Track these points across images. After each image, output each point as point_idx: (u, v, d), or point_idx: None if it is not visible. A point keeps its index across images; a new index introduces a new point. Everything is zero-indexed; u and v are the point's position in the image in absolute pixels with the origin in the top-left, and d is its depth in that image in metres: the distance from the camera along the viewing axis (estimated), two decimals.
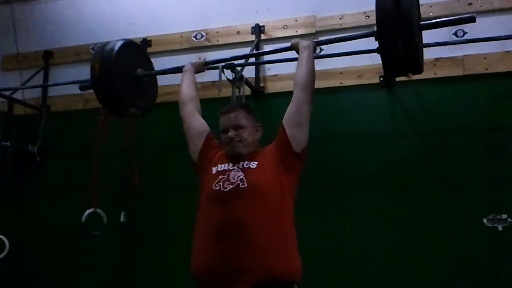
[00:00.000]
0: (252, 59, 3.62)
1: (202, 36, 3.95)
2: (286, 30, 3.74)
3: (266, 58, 3.71)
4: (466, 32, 3.36)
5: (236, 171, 2.07)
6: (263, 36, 3.79)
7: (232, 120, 2.18)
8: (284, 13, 3.77)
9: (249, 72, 3.58)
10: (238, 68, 3.33)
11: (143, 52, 2.83)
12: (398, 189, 3.29)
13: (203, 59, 2.68)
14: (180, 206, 3.61)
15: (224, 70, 3.25)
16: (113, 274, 3.80)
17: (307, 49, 2.24)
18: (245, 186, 2.02)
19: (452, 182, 3.20)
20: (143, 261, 3.72)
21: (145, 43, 4.01)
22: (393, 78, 3.41)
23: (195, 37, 3.97)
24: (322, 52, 3.59)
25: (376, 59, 3.34)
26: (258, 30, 3.78)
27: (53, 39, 4.39)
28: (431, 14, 3.37)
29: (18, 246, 3.81)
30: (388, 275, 3.18)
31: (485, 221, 3.08)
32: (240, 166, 2.10)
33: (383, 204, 3.28)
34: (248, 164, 2.10)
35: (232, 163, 2.12)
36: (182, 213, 3.57)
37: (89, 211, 3.41)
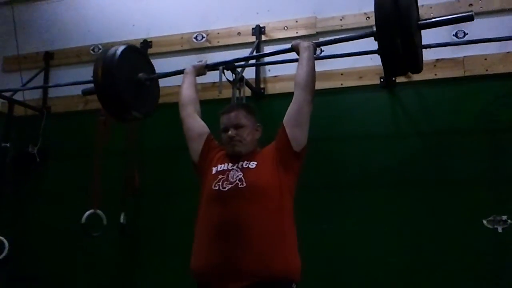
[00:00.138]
0: (253, 60, 3.63)
1: (203, 37, 3.95)
2: (286, 31, 3.74)
3: (267, 59, 3.70)
4: (467, 33, 3.35)
5: (235, 171, 2.10)
6: (263, 37, 3.79)
7: (232, 119, 2.21)
8: (285, 14, 3.77)
9: (249, 73, 3.58)
10: (239, 69, 3.33)
11: (145, 56, 2.85)
12: (398, 190, 3.28)
13: (204, 61, 2.68)
14: (180, 207, 3.62)
15: (225, 71, 3.26)
16: (113, 275, 3.80)
17: (307, 50, 2.26)
18: (244, 185, 2.04)
19: (452, 183, 3.20)
20: (143, 262, 3.71)
21: (145, 45, 4.01)
22: (393, 79, 3.42)
23: (196, 38, 3.97)
24: (322, 53, 3.59)
25: (377, 60, 3.34)
26: (259, 31, 3.78)
27: (53, 40, 4.40)
28: (431, 15, 3.37)
29: (18, 247, 3.81)
30: (388, 275, 3.17)
31: (485, 222, 3.07)
32: (240, 166, 2.12)
33: (383, 205, 3.28)
34: (248, 164, 2.12)
35: (231, 163, 2.15)
36: (182, 214, 3.57)
37: (89, 212, 3.41)
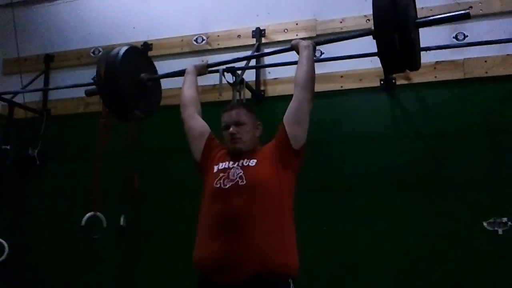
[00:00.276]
0: (253, 62, 3.63)
1: (203, 39, 3.96)
2: (286, 33, 3.74)
3: (267, 61, 3.72)
4: (467, 36, 3.36)
5: (236, 169, 2.15)
6: (263, 40, 3.80)
7: (233, 117, 2.26)
8: (285, 16, 3.78)
9: (249, 75, 3.58)
10: (239, 72, 3.34)
11: (147, 57, 2.87)
12: (398, 191, 3.28)
13: (205, 61, 2.71)
14: (180, 209, 3.62)
15: (225, 73, 3.27)
16: (113, 277, 3.80)
17: (307, 49, 2.29)
18: (244, 183, 2.09)
19: (453, 185, 3.20)
20: (143, 264, 3.71)
21: (146, 47, 4.02)
22: (393, 81, 3.42)
23: (196, 40, 3.97)
24: (322, 56, 3.60)
25: (377, 62, 3.34)
26: (259, 33, 3.79)
27: (54, 43, 4.41)
28: (431, 17, 3.37)
29: (18, 250, 3.81)
30: (389, 276, 3.17)
31: (485, 224, 3.07)
32: (240, 164, 2.17)
33: (383, 207, 3.27)
34: (248, 162, 2.17)
35: (232, 161, 2.20)
36: (182, 216, 3.57)
37: (89, 215, 3.40)
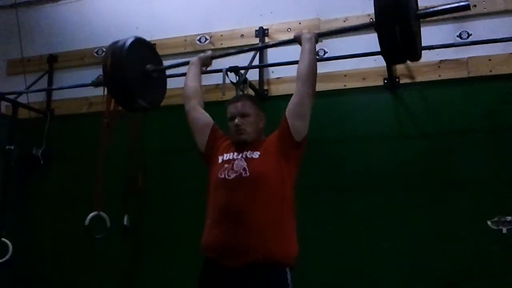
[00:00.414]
0: (256, 62, 3.63)
1: (206, 39, 3.96)
2: (290, 33, 3.72)
3: (270, 61, 3.72)
4: (471, 34, 3.35)
5: (240, 161, 2.22)
6: (267, 39, 3.79)
7: (239, 108, 2.32)
8: (288, 16, 3.77)
9: (252, 75, 3.58)
10: (242, 71, 3.34)
11: (153, 49, 2.89)
12: (402, 191, 3.27)
13: (209, 52, 2.73)
14: (183, 208, 3.63)
15: (228, 73, 3.27)
16: (116, 276, 3.80)
17: (309, 41, 2.32)
18: (247, 175, 2.17)
19: (457, 184, 3.19)
20: (146, 263, 3.71)
21: None
22: (397, 80, 3.41)
23: (199, 40, 3.97)
24: (326, 55, 3.59)
25: (380, 61, 3.37)
26: (262, 33, 3.78)
27: (57, 43, 4.41)
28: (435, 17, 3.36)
29: (22, 249, 3.82)
30: (392, 277, 3.17)
31: (489, 223, 3.06)
32: (244, 155, 2.24)
33: (387, 206, 3.27)
34: (251, 154, 2.23)
35: (236, 152, 2.26)
36: (186, 215, 3.60)
37: (92, 214, 3.40)
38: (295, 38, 2.42)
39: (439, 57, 3.36)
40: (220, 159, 2.28)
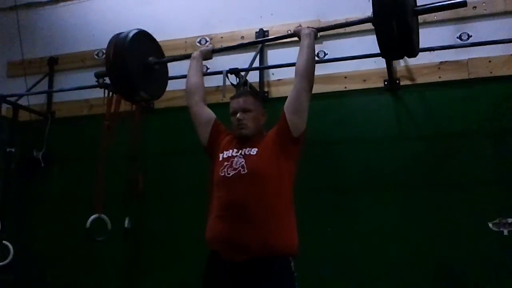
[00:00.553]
0: (256, 64, 3.63)
1: (206, 41, 3.96)
2: (288, 38, 3.72)
3: (270, 63, 3.73)
4: (471, 36, 3.35)
5: (239, 158, 2.26)
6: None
7: (241, 103, 2.36)
8: (288, 17, 3.77)
9: (253, 77, 3.58)
10: (242, 73, 3.34)
11: (156, 42, 2.88)
12: (402, 192, 3.28)
13: (211, 46, 2.76)
14: (184, 210, 3.63)
15: (228, 75, 3.27)
16: (117, 279, 3.80)
17: (308, 37, 2.35)
18: (245, 172, 2.21)
19: (458, 185, 3.19)
20: (147, 266, 3.71)
21: None
22: (397, 81, 3.41)
23: (200, 42, 3.98)
24: (326, 57, 3.60)
25: (381, 63, 3.38)
26: (262, 35, 3.79)
27: (58, 45, 4.42)
28: (435, 17, 3.36)
29: (23, 252, 3.82)
30: (393, 278, 3.17)
31: (490, 225, 3.06)
32: (242, 152, 2.27)
33: (388, 208, 3.27)
34: (249, 151, 2.27)
35: (236, 149, 2.31)
36: (186, 217, 3.60)
37: (93, 217, 3.40)
38: (294, 33, 2.45)
39: (439, 58, 3.37)
40: (220, 156, 2.32)
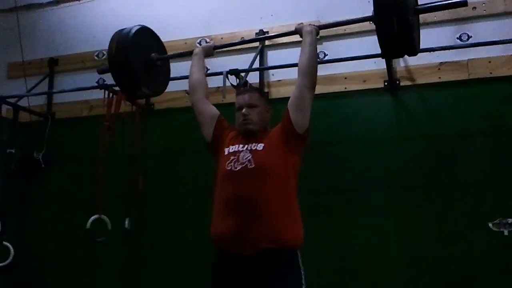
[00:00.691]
0: (257, 65, 3.63)
1: (206, 42, 3.96)
2: (290, 35, 3.72)
3: (270, 63, 3.73)
4: (471, 36, 3.35)
5: (245, 152, 2.28)
6: (267, 42, 3.79)
7: (246, 99, 2.39)
8: (288, 18, 3.77)
9: (253, 77, 3.59)
10: (243, 74, 3.34)
11: (158, 39, 2.89)
12: (402, 193, 3.27)
13: (212, 43, 2.77)
14: (185, 211, 3.64)
15: (229, 76, 3.27)
16: (118, 279, 3.80)
17: (309, 35, 2.37)
18: (252, 166, 2.24)
19: (458, 186, 3.19)
20: (148, 266, 3.71)
21: None
22: (397, 82, 3.42)
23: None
24: (326, 57, 3.60)
25: (381, 63, 3.38)
26: (262, 35, 3.78)
27: (58, 46, 4.42)
28: (435, 18, 3.37)
29: (23, 253, 3.81)
30: (392, 277, 3.17)
31: (490, 225, 3.06)
32: (249, 147, 2.30)
33: (388, 208, 3.27)
34: (256, 146, 2.30)
35: (242, 144, 2.33)
36: (187, 218, 3.61)
37: (93, 218, 3.40)
38: (296, 31, 2.46)
39: (439, 59, 3.37)
40: (226, 151, 2.34)
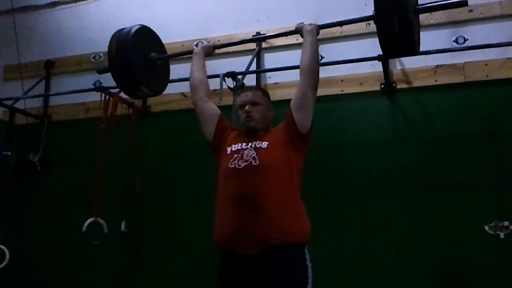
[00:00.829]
0: (253, 67, 3.63)
1: None
2: (287, 38, 3.70)
3: (267, 66, 3.73)
4: (467, 39, 3.36)
5: (249, 150, 2.28)
6: (264, 44, 3.80)
7: (249, 97, 2.41)
8: (285, 21, 3.76)
9: (250, 80, 3.59)
10: (239, 77, 3.35)
11: (158, 38, 2.89)
12: (399, 195, 3.27)
13: (212, 42, 2.78)
14: (182, 214, 3.63)
15: (225, 78, 3.28)
16: (114, 282, 3.78)
17: (310, 34, 2.39)
18: (257, 163, 2.23)
19: (454, 189, 3.19)
20: (144, 269, 3.70)
21: None
22: (393, 85, 3.42)
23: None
24: (323, 60, 3.59)
25: (377, 66, 3.39)
26: (258, 41, 3.78)
27: (54, 48, 4.42)
28: (431, 21, 3.38)
29: (19, 256, 3.80)
30: (389, 281, 3.16)
31: (487, 228, 3.06)
32: (253, 145, 2.29)
33: (384, 211, 3.27)
34: (260, 144, 2.29)
35: (245, 143, 2.32)
36: (184, 221, 3.60)
37: (90, 220, 3.39)
38: (296, 30, 2.48)
39: (436, 62, 3.37)
40: (228, 149, 2.33)
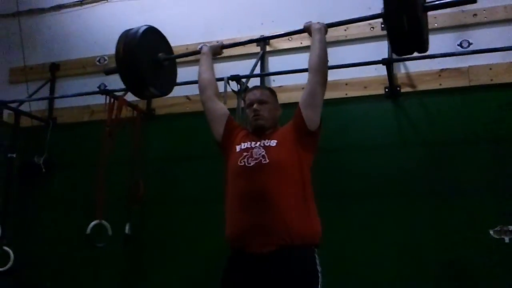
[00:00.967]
0: (257, 71, 3.64)
1: None
2: (291, 41, 3.74)
3: (271, 70, 3.74)
4: (471, 43, 3.36)
5: (259, 148, 2.27)
6: (268, 48, 3.81)
7: (257, 95, 2.42)
8: (289, 24, 3.75)
9: (254, 83, 3.58)
10: (243, 80, 3.35)
11: (165, 39, 2.89)
12: (402, 199, 3.27)
13: (220, 42, 2.78)
14: (186, 216, 3.63)
15: (229, 81, 3.28)
16: (118, 285, 3.79)
17: (319, 32, 2.39)
18: (267, 161, 2.22)
19: (458, 193, 3.18)
20: (148, 272, 3.70)
21: None
22: (398, 88, 3.42)
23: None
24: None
25: (381, 70, 3.39)
26: (264, 41, 3.79)
27: (59, 51, 4.43)
28: (435, 25, 3.37)
29: (23, 258, 3.81)
30: (392, 284, 3.16)
31: (491, 232, 3.05)
32: (262, 144, 2.29)
33: (388, 214, 3.26)
34: (269, 142, 2.29)
35: (254, 141, 2.32)
36: (188, 223, 3.60)
37: (94, 223, 3.40)
38: (305, 28, 2.48)
39: (440, 66, 3.37)
40: (237, 148, 2.33)
